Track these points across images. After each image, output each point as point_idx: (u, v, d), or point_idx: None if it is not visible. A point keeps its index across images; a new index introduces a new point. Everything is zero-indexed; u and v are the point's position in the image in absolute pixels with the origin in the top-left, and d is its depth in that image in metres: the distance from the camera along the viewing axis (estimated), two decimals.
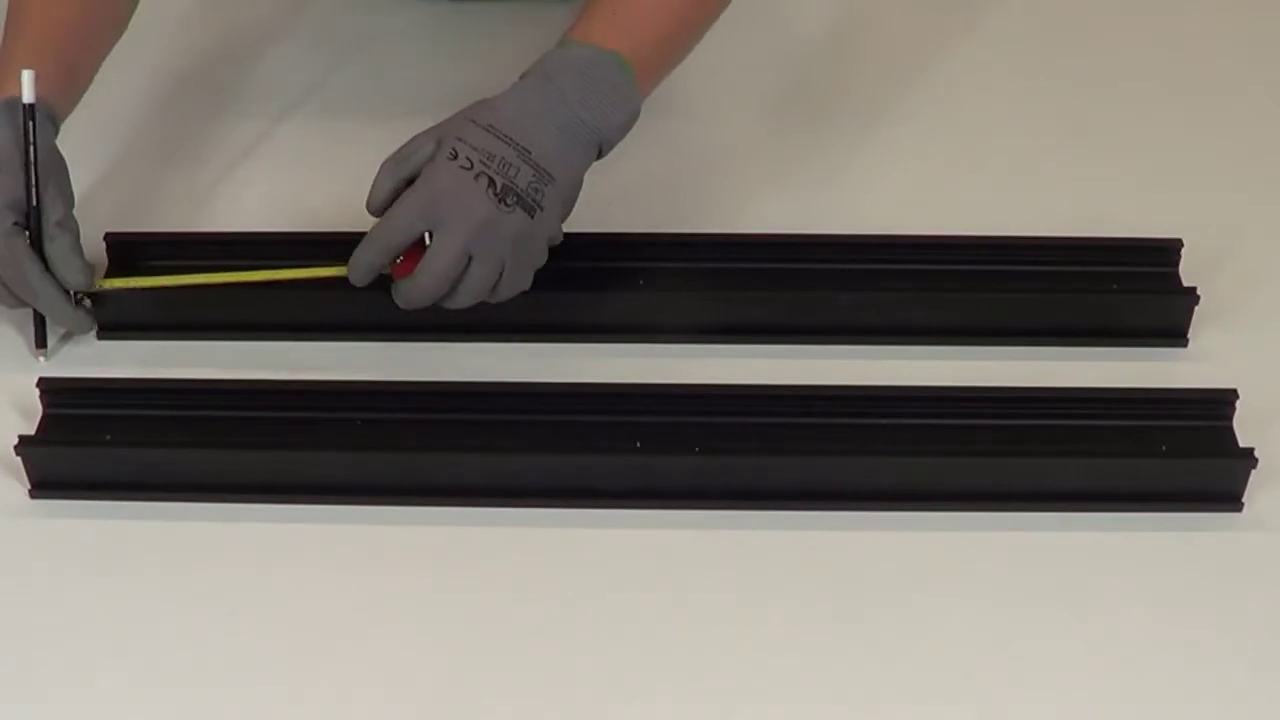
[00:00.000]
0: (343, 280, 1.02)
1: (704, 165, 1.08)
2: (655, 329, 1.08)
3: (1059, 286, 1.08)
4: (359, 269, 1.00)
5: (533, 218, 0.97)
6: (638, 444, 0.99)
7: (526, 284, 1.01)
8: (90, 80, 1.10)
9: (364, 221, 1.13)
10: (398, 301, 1.01)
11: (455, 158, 0.97)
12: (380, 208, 1.00)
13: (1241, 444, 1.00)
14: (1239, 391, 1.01)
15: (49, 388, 1.02)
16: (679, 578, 0.97)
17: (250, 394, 1.02)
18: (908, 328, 1.08)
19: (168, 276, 1.07)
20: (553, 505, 1.00)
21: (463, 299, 0.99)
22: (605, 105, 1.00)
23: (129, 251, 1.11)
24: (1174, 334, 1.09)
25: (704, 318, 1.09)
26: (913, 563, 0.97)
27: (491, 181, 0.97)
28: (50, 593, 0.96)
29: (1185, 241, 1.10)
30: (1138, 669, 0.92)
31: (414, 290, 0.99)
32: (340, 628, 0.94)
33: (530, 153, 0.98)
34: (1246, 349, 1.08)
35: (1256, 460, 0.98)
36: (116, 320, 1.09)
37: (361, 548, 0.98)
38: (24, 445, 0.99)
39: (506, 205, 0.97)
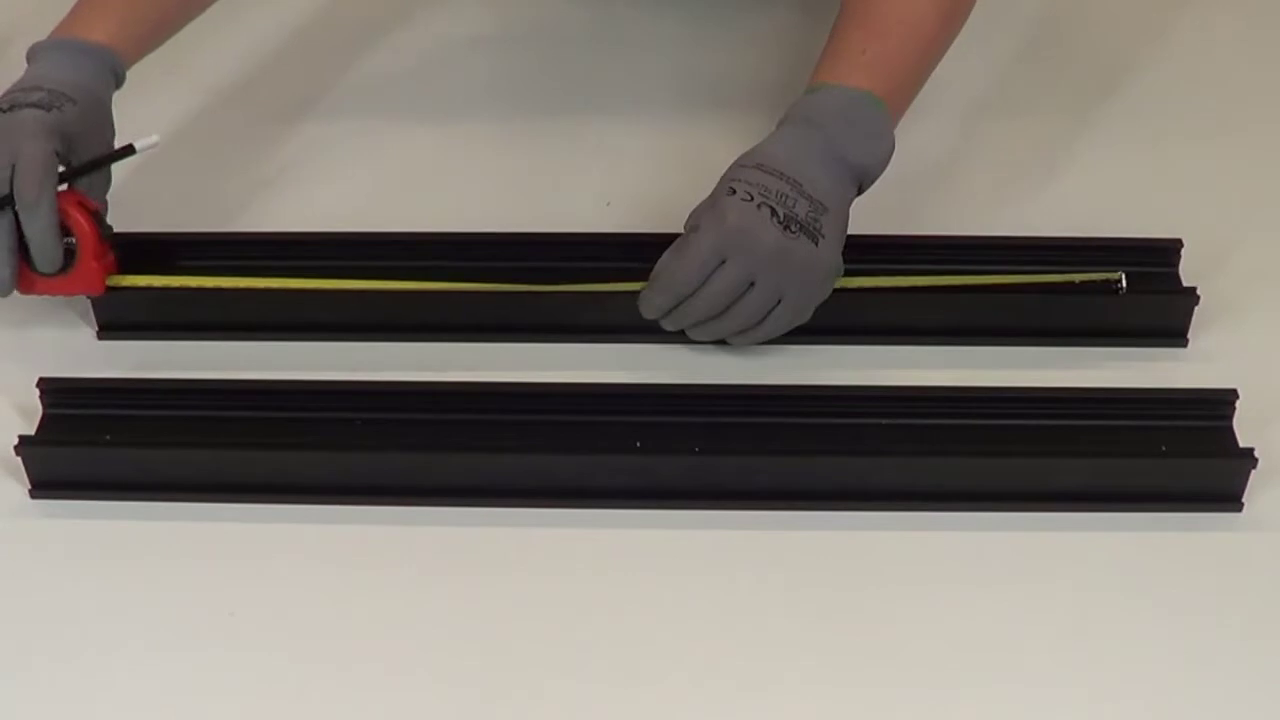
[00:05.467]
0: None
1: (703, 165, 1.08)
2: (655, 329, 1.08)
3: (1059, 287, 1.08)
4: (654, 310, 1.02)
5: (816, 245, 0.99)
6: (638, 444, 0.99)
7: (807, 315, 1.02)
8: (172, 33, 1.11)
9: (369, 222, 1.13)
10: (655, 317, 1.02)
11: (735, 193, 0.99)
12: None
13: (1241, 444, 0.99)
14: (1239, 391, 1.01)
15: (49, 388, 1.02)
16: (679, 577, 0.97)
17: (250, 394, 1.02)
18: (908, 328, 1.08)
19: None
20: (553, 505, 0.99)
21: (732, 323, 1.01)
22: (865, 143, 1.02)
23: (132, 252, 1.11)
24: (1174, 334, 1.08)
25: None
26: (913, 562, 0.97)
27: (774, 211, 0.99)
28: (50, 593, 0.96)
29: (1185, 241, 1.10)
30: (1137, 668, 0.92)
31: (692, 309, 1.00)
32: (340, 628, 0.94)
33: (802, 185, 1.00)
34: (1246, 349, 1.08)
35: (1256, 460, 0.98)
36: (116, 320, 1.09)
37: (360, 548, 0.98)
38: (24, 445, 0.99)
39: (791, 232, 0.98)
